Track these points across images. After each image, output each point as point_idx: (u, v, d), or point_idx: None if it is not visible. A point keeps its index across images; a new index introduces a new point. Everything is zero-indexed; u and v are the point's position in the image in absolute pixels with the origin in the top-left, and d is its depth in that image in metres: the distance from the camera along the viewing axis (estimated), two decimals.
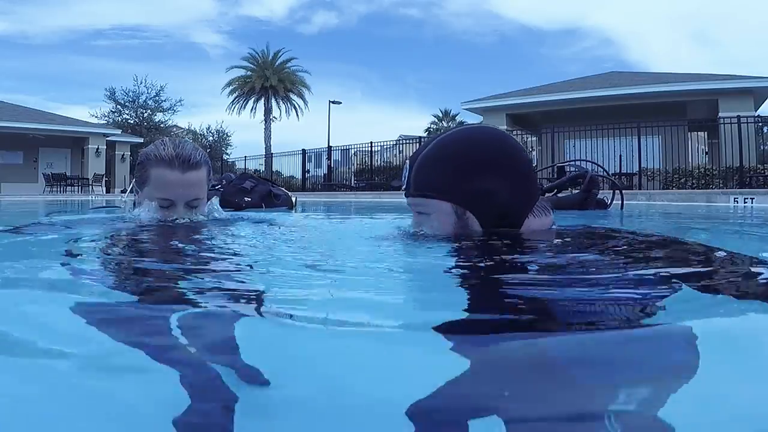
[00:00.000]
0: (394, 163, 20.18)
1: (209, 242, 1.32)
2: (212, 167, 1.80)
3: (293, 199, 3.78)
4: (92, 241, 1.31)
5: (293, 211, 3.59)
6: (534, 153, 16.34)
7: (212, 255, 1.12)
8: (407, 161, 1.26)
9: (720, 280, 0.79)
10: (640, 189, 12.42)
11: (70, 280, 0.85)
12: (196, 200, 1.68)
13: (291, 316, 0.63)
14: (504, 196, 1.14)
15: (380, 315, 0.64)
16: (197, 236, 1.40)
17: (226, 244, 1.30)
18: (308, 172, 21.30)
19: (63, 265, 0.95)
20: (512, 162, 1.17)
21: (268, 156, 25.22)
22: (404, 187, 1.25)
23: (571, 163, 8.01)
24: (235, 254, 1.14)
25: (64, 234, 1.45)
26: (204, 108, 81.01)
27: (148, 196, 1.66)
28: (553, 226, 1.27)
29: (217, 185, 3.75)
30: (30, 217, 2.48)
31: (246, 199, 3.49)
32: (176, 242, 1.28)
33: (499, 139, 1.20)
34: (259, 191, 3.58)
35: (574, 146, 14.68)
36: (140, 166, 1.69)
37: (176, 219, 1.64)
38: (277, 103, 30.36)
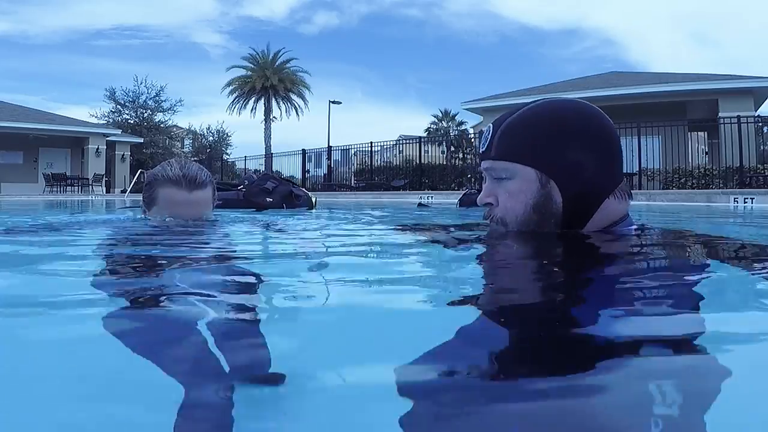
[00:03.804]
0: (394, 163, 20.23)
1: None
2: (212, 167, 1.85)
3: (313, 200, 3.84)
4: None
5: (313, 211, 3.64)
6: None
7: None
8: (490, 125, 1.21)
9: None
10: (640, 189, 12.48)
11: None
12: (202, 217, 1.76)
13: None
14: (591, 171, 1.12)
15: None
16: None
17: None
18: (308, 172, 21.33)
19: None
20: (604, 138, 1.16)
21: (268, 156, 25.21)
22: (483, 150, 1.20)
23: None
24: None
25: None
26: (204, 108, 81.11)
27: (156, 215, 1.73)
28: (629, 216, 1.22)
29: (240, 186, 3.81)
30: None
31: (267, 199, 3.55)
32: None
33: (593, 114, 1.18)
34: (281, 192, 3.64)
35: None
36: (148, 187, 1.75)
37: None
38: (277, 103, 30.37)
